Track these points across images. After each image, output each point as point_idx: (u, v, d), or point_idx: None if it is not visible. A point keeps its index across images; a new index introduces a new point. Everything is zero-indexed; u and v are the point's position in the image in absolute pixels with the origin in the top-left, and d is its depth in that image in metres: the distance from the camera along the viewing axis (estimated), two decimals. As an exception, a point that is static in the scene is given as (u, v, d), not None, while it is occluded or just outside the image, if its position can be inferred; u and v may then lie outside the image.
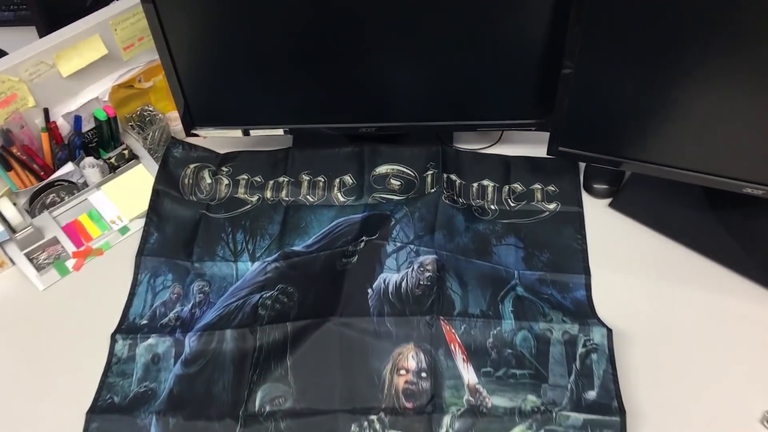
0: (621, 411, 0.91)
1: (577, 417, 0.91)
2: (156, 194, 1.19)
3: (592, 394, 0.94)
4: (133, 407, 0.95)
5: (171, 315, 1.06)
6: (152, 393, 0.96)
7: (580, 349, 0.98)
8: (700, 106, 0.94)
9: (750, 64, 0.87)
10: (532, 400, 0.94)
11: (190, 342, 1.01)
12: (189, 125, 1.19)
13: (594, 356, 0.98)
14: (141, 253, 1.12)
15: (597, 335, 1.00)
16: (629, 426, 0.90)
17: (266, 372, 0.96)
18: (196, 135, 1.21)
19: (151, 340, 1.02)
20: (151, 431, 0.93)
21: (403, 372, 0.95)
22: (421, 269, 1.07)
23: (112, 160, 1.20)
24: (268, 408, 0.93)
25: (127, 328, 1.04)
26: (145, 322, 1.05)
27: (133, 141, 1.25)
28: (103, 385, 0.98)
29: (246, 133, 1.21)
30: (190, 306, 1.07)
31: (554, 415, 0.92)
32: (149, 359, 1.00)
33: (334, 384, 0.94)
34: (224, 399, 0.95)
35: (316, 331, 0.98)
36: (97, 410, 0.95)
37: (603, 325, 1.02)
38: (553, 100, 1.05)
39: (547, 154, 1.13)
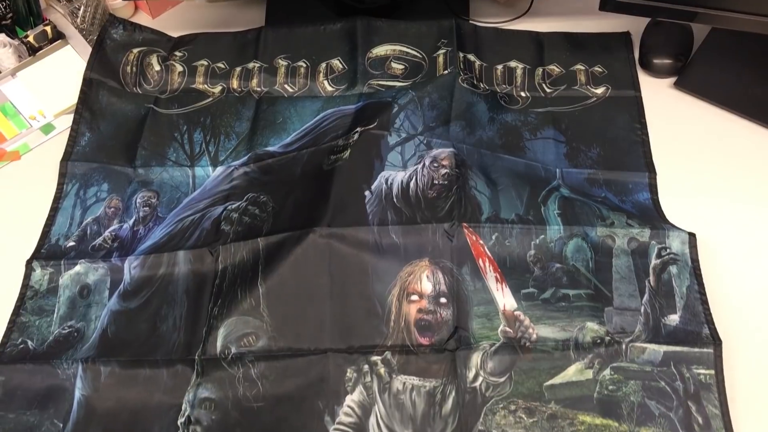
0: (715, 340, 0.76)
1: (656, 349, 0.76)
2: (88, 84, 1.02)
3: (673, 319, 0.79)
4: (52, 354, 0.80)
5: (106, 234, 0.90)
6: (79, 335, 0.82)
7: (654, 261, 0.82)
8: None
9: None
10: (592, 328, 0.78)
11: (130, 268, 0.85)
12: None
13: (673, 269, 0.82)
14: (68, 157, 0.96)
15: (675, 242, 0.83)
16: (724, 360, 0.75)
17: (231, 303, 0.81)
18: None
19: (78, 268, 0.86)
20: (76, 384, 0.78)
21: (415, 297, 0.80)
22: (435, 165, 0.89)
23: (31, 39, 1.05)
24: (233, 349, 0.78)
25: (47, 252, 0.88)
26: (71, 243, 0.89)
27: (59, 17, 1.10)
28: (14, 325, 0.83)
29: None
30: (131, 222, 0.91)
31: (624, 347, 0.77)
32: (76, 292, 0.85)
33: (323, 316, 0.80)
34: (175, 340, 0.81)
35: (297, 247, 0.82)
36: (5, 359, 0.80)
37: (682, 229, 0.84)
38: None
39: (600, 8, 0.95)
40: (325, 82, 1.02)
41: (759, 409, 0.73)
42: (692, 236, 0.82)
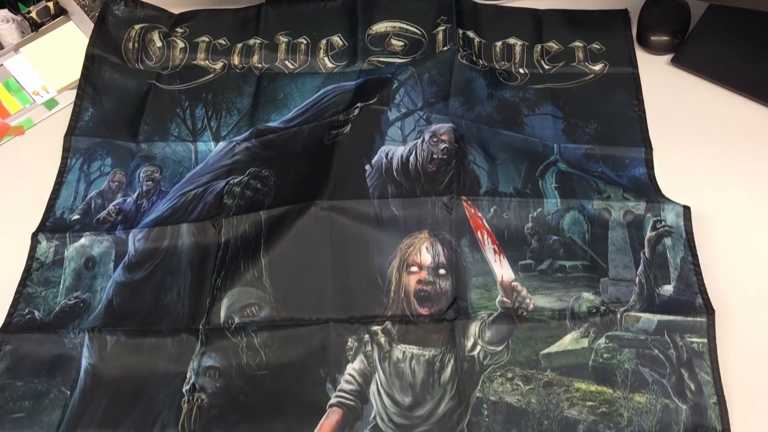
0: (708, 310, 0.77)
1: (650, 318, 0.77)
2: (91, 60, 1.01)
3: (667, 290, 0.79)
4: (59, 324, 0.81)
5: (110, 208, 0.91)
6: (85, 305, 0.83)
7: (649, 233, 0.83)
8: None
9: None
10: (588, 298, 0.79)
11: (134, 241, 0.86)
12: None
13: (668, 241, 0.82)
14: (72, 132, 0.96)
15: (670, 215, 0.84)
16: (717, 329, 0.76)
17: (234, 274, 0.82)
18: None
19: (83, 240, 0.87)
20: (83, 353, 0.79)
21: (414, 269, 0.80)
22: (434, 140, 0.89)
23: (34, 15, 1.04)
24: (237, 319, 0.79)
25: (52, 225, 0.89)
26: (76, 217, 0.90)
27: (60, -9, 1.08)
28: (20, 296, 0.84)
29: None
30: (135, 196, 0.92)
31: (619, 317, 0.77)
32: (81, 264, 0.85)
33: (324, 286, 0.80)
34: (180, 310, 0.81)
35: (299, 220, 0.82)
36: (12, 328, 0.81)
37: (677, 202, 0.85)
38: None
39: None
40: (326, 59, 1.02)
41: (750, 376, 0.74)
42: (687, 209, 0.82)
